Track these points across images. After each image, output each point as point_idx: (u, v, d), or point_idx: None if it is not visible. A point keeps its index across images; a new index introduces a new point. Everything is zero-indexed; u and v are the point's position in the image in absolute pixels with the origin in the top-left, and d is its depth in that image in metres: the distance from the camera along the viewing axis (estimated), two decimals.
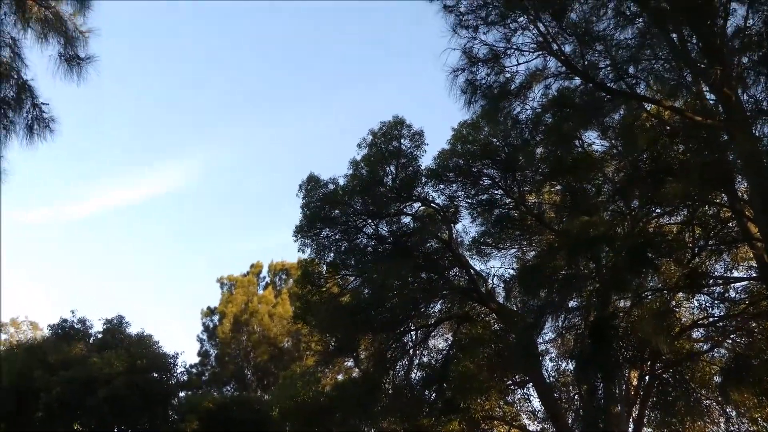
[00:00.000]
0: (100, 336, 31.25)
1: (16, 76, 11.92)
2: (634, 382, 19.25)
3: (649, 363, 18.60)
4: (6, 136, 11.90)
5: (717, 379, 18.60)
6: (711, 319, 18.47)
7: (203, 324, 43.59)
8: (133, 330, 31.80)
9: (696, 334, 19.24)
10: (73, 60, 12.17)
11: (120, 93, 75.20)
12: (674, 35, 12.63)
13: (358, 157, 21.79)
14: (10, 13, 11.75)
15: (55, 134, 12.21)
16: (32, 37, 11.90)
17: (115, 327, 31.40)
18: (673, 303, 18.68)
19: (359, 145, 21.82)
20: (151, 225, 78.03)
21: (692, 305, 19.60)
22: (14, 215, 64.20)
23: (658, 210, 17.83)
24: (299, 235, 22.12)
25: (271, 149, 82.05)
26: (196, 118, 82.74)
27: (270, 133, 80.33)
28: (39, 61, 12.01)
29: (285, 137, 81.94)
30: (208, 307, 43.67)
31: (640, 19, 13.26)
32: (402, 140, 21.40)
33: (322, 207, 21.74)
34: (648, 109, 15.44)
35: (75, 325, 31.52)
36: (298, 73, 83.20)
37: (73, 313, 32.47)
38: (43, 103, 12.12)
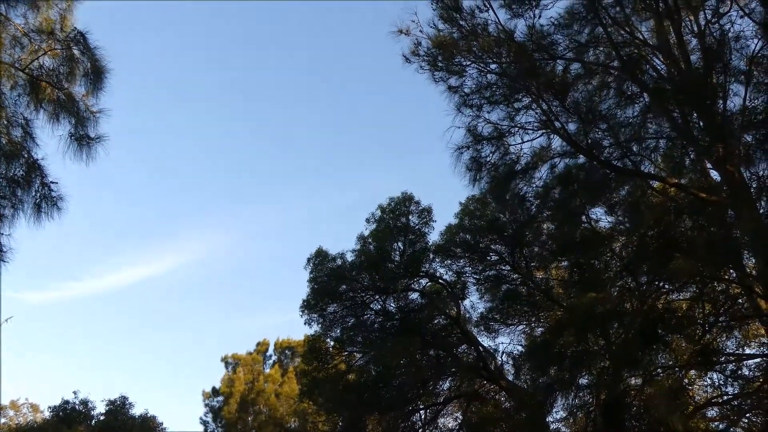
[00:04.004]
0: (102, 418, 30.73)
1: (26, 155, 12.00)
2: None
3: None
4: (14, 214, 11.85)
5: None
6: (725, 398, 18.09)
7: (207, 405, 42.77)
8: (136, 411, 31.35)
9: (711, 412, 18.80)
10: (83, 140, 12.30)
11: (127, 171, 76.11)
12: (676, 114, 12.85)
13: (366, 232, 21.93)
14: (24, 94, 11.98)
15: (62, 213, 12.19)
16: (44, 118, 12.09)
17: (118, 408, 30.93)
18: (686, 381, 18.34)
19: (368, 220, 22.05)
20: (155, 304, 77.69)
21: (705, 383, 19.24)
22: (12, 294, 63.89)
23: (667, 286, 17.73)
24: (306, 310, 21.96)
25: (277, 228, 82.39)
26: (201, 197, 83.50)
27: (277, 211, 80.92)
28: (51, 141, 12.11)
29: (292, 215, 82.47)
30: (213, 387, 42.93)
31: (642, 99, 13.54)
32: (410, 216, 21.60)
33: (329, 282, 21.67)
34: (654, 185, 15.57)
35: (77, 407, 30.99)
36: (305, 151, 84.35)
37: (75, 394, 31.83)
38: (53, 182, 12.15)
